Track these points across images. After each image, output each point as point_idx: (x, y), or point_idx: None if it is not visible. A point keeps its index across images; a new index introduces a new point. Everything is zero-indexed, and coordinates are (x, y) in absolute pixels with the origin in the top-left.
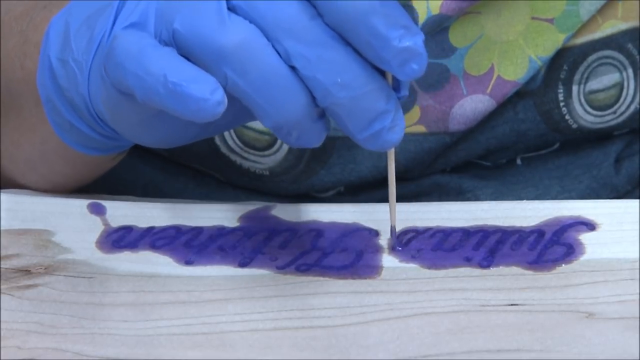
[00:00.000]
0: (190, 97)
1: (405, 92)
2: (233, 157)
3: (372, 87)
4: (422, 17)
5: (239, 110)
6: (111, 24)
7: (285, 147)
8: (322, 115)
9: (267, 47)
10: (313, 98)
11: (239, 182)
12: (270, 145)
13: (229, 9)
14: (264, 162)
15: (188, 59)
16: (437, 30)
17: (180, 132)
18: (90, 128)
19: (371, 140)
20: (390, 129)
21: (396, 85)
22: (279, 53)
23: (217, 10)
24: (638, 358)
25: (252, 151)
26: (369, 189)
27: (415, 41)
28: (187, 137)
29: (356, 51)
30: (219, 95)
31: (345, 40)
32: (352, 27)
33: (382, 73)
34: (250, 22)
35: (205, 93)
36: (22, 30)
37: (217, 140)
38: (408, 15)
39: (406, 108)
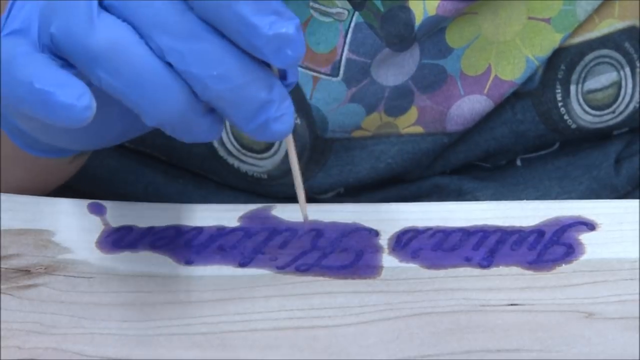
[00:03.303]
0: (57, 103)
1: (292, 78)
2: (231, 160)
3: (252, 78)
4: (418, 18)
5: None
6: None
7: (283, 151)
8: (211, 109)
9: (139, 45)
10: (195, 93)
11: (239, 185)
12: (268, 147)
13: (105, 8)
14: (262, 165)
15: (69, 63)
16: (433, 31)
17: (94, 135)
18: None
19: (259, 131)
20: (277, 119)
21: (283, 74)
22: (153, 50)
23: (86, 10)
24: (638, 358)
25: (250, 154)
26: (370, 190)
27: (287, 27)
28: (108, 139)
29: (232, 42)
30: (86, 100)
31: (219, 32)
32: (221, 17)
33: (265, 63)
34: (123, 20)
35: (71, 99)
36: None
37: (215, 143)
38: (281, 1)
39: (403, 109)
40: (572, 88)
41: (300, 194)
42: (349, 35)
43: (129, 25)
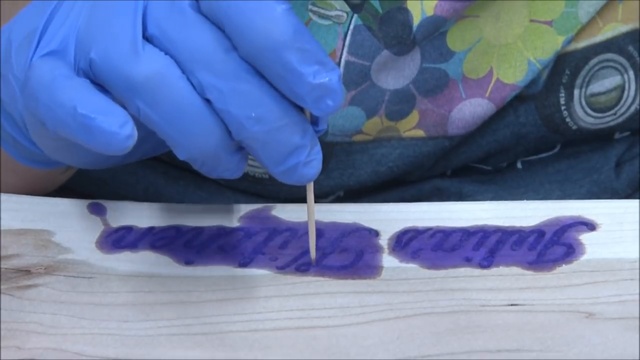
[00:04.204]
0: (99, 130)
1: (323, 126)
2: None
3: (287, 122)
4: (416, 19)
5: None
6: (33, 49)
7: None
8: (240, 147)
9: (180, 79)
10: (229, 131)
11: (239, 186)
12: None
13: (146, 39)
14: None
15: (105, 89)
16: (434, 35)
17: (104, 157)
18: (31, 143)
19: (287, 174)
20: (307, 164)
21: (314, 119)
22: (193, 85)
23: (131, 40)
24: (638, 358)
25: (251, 156)
26: (369, 194)
27: (330, 77)
28: (114, 161)
29: (271, 85)
30: (129, 129)
31: (261, 74)
32: (265, 61)
33: (299, 107)
34: (166, 53)
35: (114, 126)
36: None
37: None
38: (324, 50)
39: (404, 113)
40: (576, 92)
41: (312, 237)
42: (348, 38)
43: (172, 59)
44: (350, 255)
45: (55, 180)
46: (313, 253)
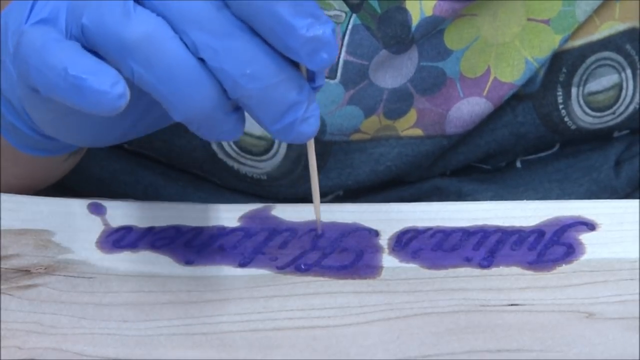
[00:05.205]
0: (91, 90)
1: (320, 81)
2: (230, 162)
3: (283, 78)
4: (415, 19)
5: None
6: (24, 20)
7: (282, 152)
8: (237, 108)
9: (173, 40)
10: (224, 90)
11: (238, 186)
12: (267, 150)
13: (137, 1)
14: (261, 167)
15: (98, 54)
16: (432, 33)
17: (103, 130)
18: (30, 129)
19: (284, 132)
20: (304, 121)
21: (311, 76)
22: (187, 45)
23: (122, 3)
24: (638, 358)
25: (248, 156)
26: (369, 193)
27: (324, 30)
28: (114, 136)
29: (265, 41)
30: (120, 88)
31: (254, 31)
32: (258, 17)
33: (295, 64)
34: (158, 14)
35: (105, 86)
36: None
37: (214, 147)
38: (316, 3)
39: (402, 112)
40: (574, 90)
41: (316, 197)
42: (347, 38)
43: (164, 20)
44: (350, 255)
45: (57, 170)
46: (319, 218)
